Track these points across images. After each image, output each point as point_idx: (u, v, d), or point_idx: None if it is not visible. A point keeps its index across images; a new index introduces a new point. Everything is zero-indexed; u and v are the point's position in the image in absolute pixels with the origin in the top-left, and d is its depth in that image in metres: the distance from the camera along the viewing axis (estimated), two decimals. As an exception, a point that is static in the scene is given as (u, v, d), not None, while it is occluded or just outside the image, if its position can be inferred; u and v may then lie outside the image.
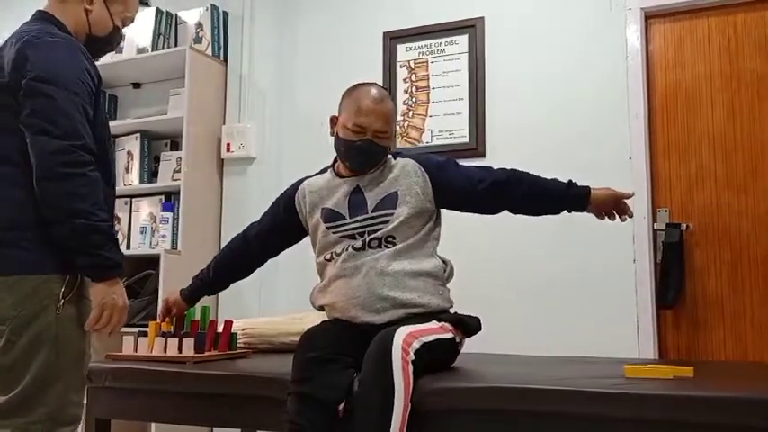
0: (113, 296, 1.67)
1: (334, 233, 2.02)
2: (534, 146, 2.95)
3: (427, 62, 3.21)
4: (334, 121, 2.10)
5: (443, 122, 3.11)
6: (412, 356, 1.72)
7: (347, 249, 1.98)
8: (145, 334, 2.18)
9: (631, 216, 2.03)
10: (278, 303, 3.27)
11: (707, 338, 2.74)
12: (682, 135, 2.84)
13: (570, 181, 2.02)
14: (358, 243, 1.97)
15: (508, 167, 2.06)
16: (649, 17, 2.92)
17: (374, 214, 2.00)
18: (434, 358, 1.82)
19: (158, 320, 2.24)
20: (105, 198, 1.74)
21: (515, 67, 3.04)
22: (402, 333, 1.75)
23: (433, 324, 1.88)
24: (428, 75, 3.20)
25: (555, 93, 2.96)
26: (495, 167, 2.07)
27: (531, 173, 2.05)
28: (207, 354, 2.14)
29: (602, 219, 2.03)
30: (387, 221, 1.98)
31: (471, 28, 3.13)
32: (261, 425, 2.05)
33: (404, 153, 2.14)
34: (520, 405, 1.66)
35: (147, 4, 2.12)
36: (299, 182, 2.21)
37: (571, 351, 2.53)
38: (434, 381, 1.75)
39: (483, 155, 3.01)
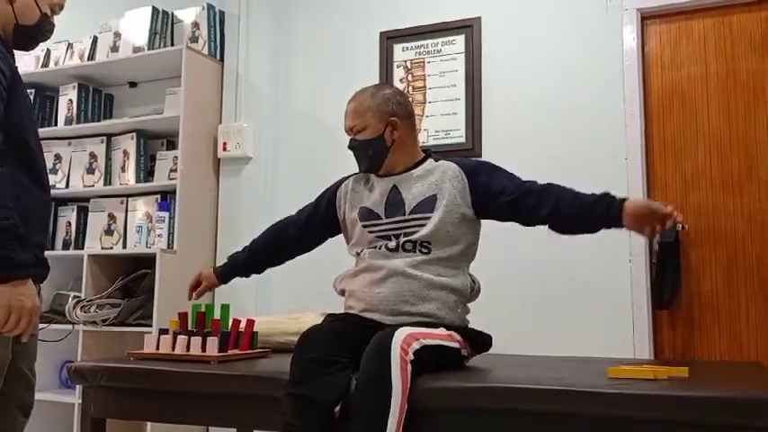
0: (20, 298, 1.58)
1: (369, 232, 2.05)
2: (530, 146, 2.96)
3: (424, 62, 3.21)
4: None
5: (440, 123, 3.11)
6: (411, 356, 1.71)
7: (381, 249, 2.00)
8: (165, 332, 2.17)
9: (678, 222, 1.78)
10: (274, 303, 3.27)
11: (702, 338, 2.74)
12: (677, 135, 2.85)
13: (605, 195, 1.88)
14: (392, 244, 1.99)
15: (542, 181, 1.99)
16: (645, 18, 2.92)
17: (411, 216, 2.01)
18: (435, 363, 1.81)
19: (188, 292, 2.33)
20: (36, 201, 1.71)
21: (512, 68, 3.05)
22: (402, 333, 1.75)
23: (441, 331, 1.88)
24: (425, 75, 3.20)
25: (551, 93, 2.97)
26: (531, 180, 2.00)
27: (566, 189, 1.94)
28: (231, 353, 2.14)
29: (644, 234, 1.83)
30: (423, 225, 1.98)
31: (468, 28, 3.13)
32: (257, 424, 2.06)
33: (445, 156, 2.13)
34: (516, 405, 1.66)
35: None
36: (347, 177, 2.24)
37: (567, 351, 2.54)
38: (431, 380, 1.75)
39: (479, 155, 3.01)
